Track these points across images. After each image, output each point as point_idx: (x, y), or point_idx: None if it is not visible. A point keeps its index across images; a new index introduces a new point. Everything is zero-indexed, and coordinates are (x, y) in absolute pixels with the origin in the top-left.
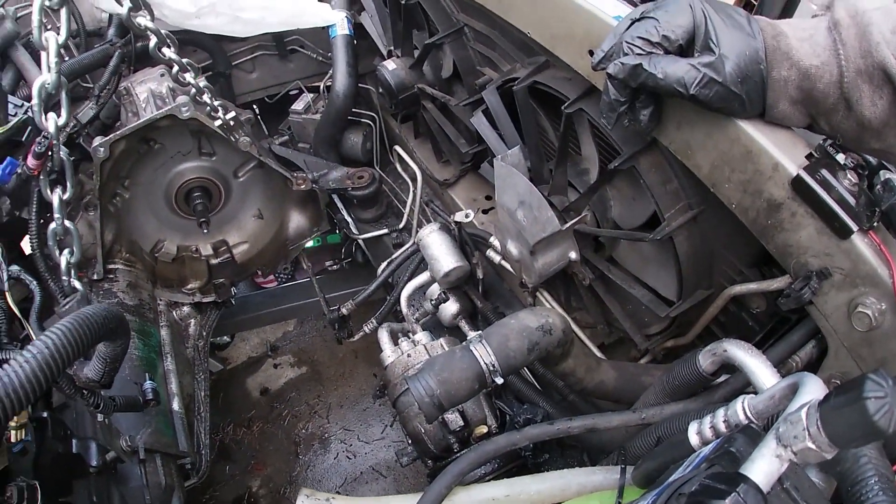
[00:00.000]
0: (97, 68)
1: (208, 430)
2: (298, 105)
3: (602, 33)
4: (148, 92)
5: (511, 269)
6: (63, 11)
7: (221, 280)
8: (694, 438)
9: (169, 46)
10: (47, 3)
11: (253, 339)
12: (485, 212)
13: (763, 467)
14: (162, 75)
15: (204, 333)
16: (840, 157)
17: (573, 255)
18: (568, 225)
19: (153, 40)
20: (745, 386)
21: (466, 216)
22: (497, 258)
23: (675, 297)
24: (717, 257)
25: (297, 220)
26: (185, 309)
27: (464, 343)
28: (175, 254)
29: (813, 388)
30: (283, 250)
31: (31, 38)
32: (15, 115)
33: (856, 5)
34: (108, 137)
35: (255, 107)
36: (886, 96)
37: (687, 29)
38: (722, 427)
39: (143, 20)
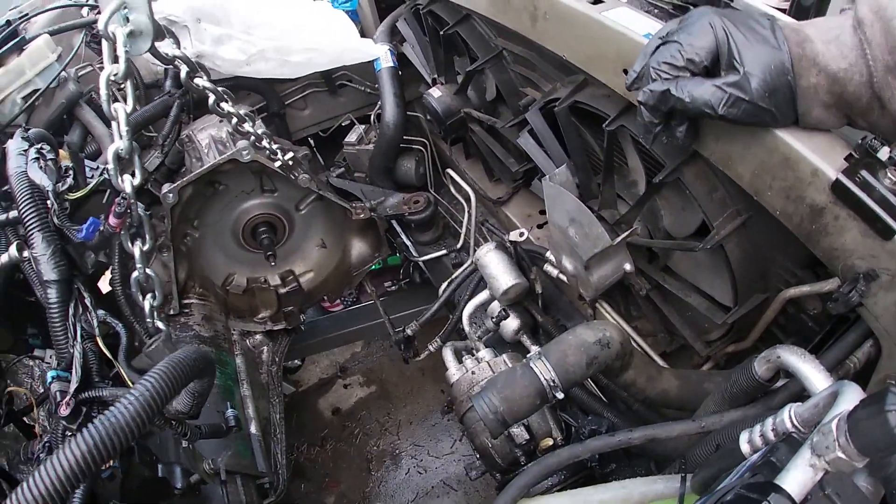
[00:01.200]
0: (159, 119)
1: (284, 451)
2: (351, 137)
3: (633, 52)
4: (209, 138)
5: (568, 282)
6: (129, 83)
7: (290, 308)
8: (745, 447)
9: (226, 101)
10: (112, 77)
11: (323, 362)
12: (539, 226)
13: (797, 477)
14: (221, 121)
15: (276, 359)
16: (883, 153)
17: (628, 266)
18: (619, 239)
19: (212, 98)
20: (802, 391)
21: (521, 235)
22: (555, 272)
23: (731, 302)
24: (770, 261)
25: (358, 247)
26: (258, 337)
27: (524, 360)
28: (245, 286)
29: (850, 397)
30: (348, 276)
31: (93, 95)
32: (91, 178)
33: (878, 0)
34: (176, 184)
35: (310, 141)
36: None
37: (710, 50)
38: (771, 435)
39: (200, 81)
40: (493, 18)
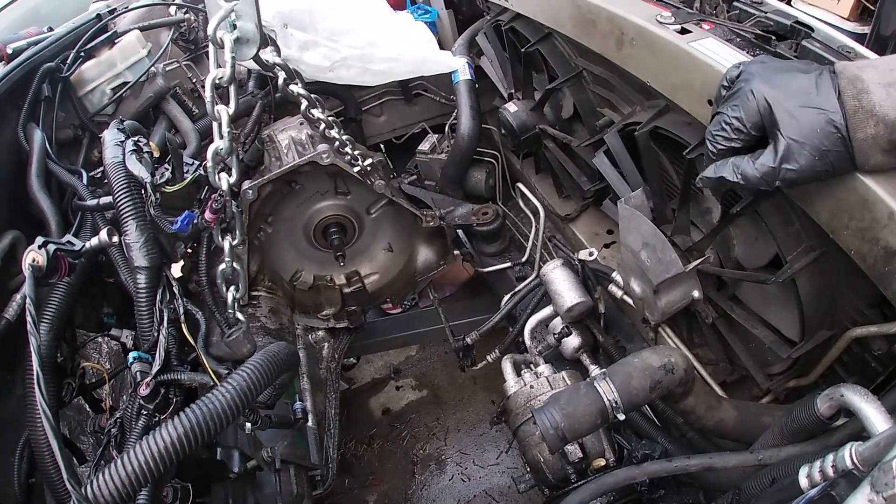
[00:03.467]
0: (241, 118)
1: (336, 446)
2: (425, 146)
3: (717, 82)
4: (289, 139)
5: (633, 305)
6: (232, 88)
7: (353, 307)
8: (804, 481)
9: (316, 107)
10: (217, 81)
11: (377, 362)
12: (606, 246)
13: None
14: (301, 123)
15: (336, 356)
16: None
17: (696, 293)
18: (691, 266)
19: (304, 103)
20: (862, 430)
21: (590, 254)
22: (619, 293)
23: (797, 337)
24: (839, 298)
25: (424, 253)
26: (320, 333)
27: (588, 379)
28: (312, 283)
29: None
30: (412, 281)
31: (177, 90)
32: (187, 173)
33: None
34: (256, 181)
35: (381, 147)
36: None
37: (754, 121)
38: (830, 471)
39: (296, 88)
40: (577, 40)
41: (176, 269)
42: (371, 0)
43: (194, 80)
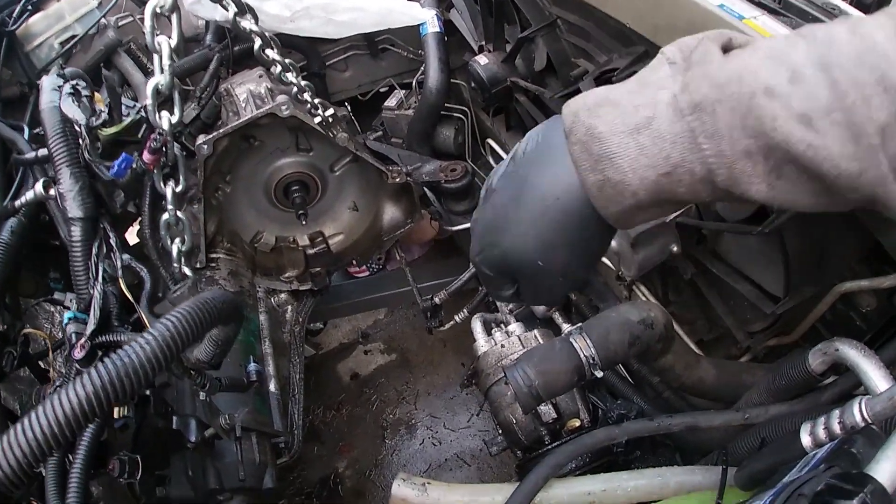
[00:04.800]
0: (197, 72)
1: (301, 412)
2: (391, 101)
3: (706, 22)
4: (247, 92)
5: (607, 262)
6: (174, 17)
7: (318, 269)
8: (806, 439)
9: (272, 48)
10: (158, 9)
11: (345, 326)
12: None
13: (888, 468)
14: (260, 76)
15: (300, 319)
16: None
17: (675, 247)
18: (671, 217)
19: (258, 42)
20: (855, 387)
21: None
22: None
23: (782, 293)
24: (828, 252)
25: (391, 212)
26: (283, 296)
27: (563, 335)
28: (273, 244)
29: None
30: (378, 241)
31: (131, 45)
32: (128, 115)
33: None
34: (211, 135)
35: (346, 105)
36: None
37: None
38: (836, 428)
39: (247, 24)
40: None
41: (131, 235)
42: None
43: None
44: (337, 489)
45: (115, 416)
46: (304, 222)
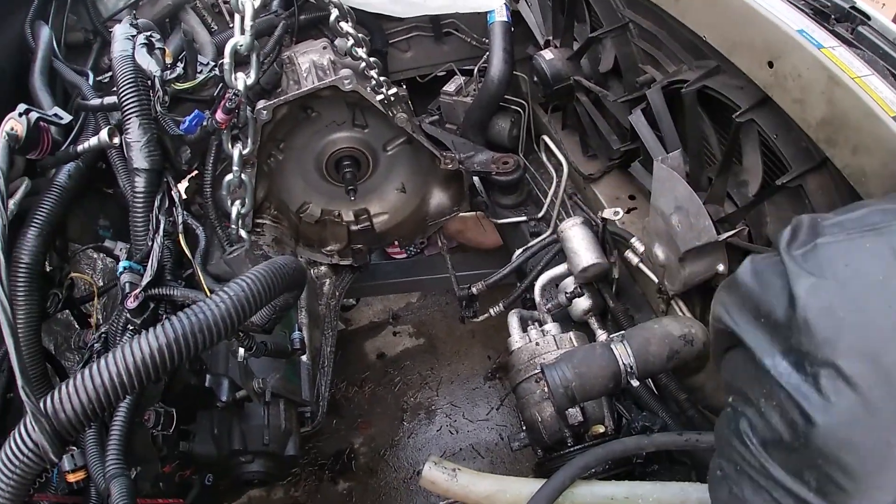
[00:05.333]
0: (262, 37)
1: (329, 384)
2: (450, 87)
3: (783, 45)
4: (310, 62)
5: (649, 273)
6: None
7: (359, 246)
8: None
9: (347, 21)
10: None
11: (377, 305)
12: (627, 211)
13: None
14: (324, 48)
15: (337, 293)
16: None
17: (721, 267)
18: (724, 236)
19: (334, 13)
20: None
21: (615, 213)
22: (635, 260)
23: None
24: None
25: (438, 197)
26: (323, 269)
27: (604, 340)
28: (318, 216)
29: None
30: (422, 225)
31: (196, 3)
32: (201, 72)
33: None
34: (272, 101)
35: (403, 85)
36: None
37: None
38: None
39: None
40: None
41: (181, 189)
42: None
43: None
44: (350, 464)
45: None
46: (352, 198)
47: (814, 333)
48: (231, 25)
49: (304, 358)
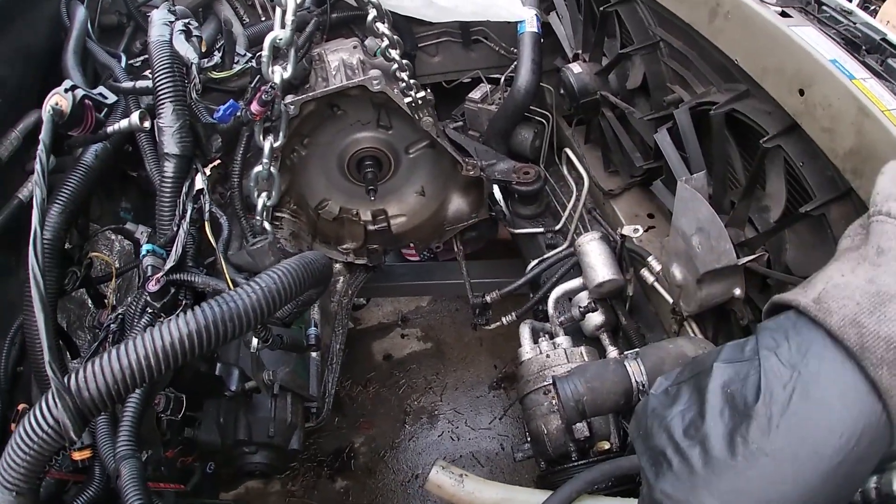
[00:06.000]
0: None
1: (335, 382)
2: (476, 94)
3: (814, 75)
4: (339, 60)
5: (663, 293)
6: None
7: (375, 246)
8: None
9: (384, 22)
10: None
11: (387, 307)
12: (645, 230)
13: None
14: (354, 47)
15: (349, 292)
16: None
17: (738, 291)
18: (743, 261)
19: (372, 13)
20: None
21: (635, 231)
22: (650, 279)
23: None
24: None
25: (457, 203)
26: (337, 266)
27: (618, 357)
28: (337, 213)
29: None
30: (440, 230)
31: None
32: (237, 63)
33: None
34: (300, 97)
35: (428, 89)
36: None
37: None
38: (872, 494)
39: None
40: (666, 5)
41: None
42: None
43: None
44: (349, 463)
45: None
46: (372, 198)
47: (653, 436)
48: (263, 18)
49: (313, 353)
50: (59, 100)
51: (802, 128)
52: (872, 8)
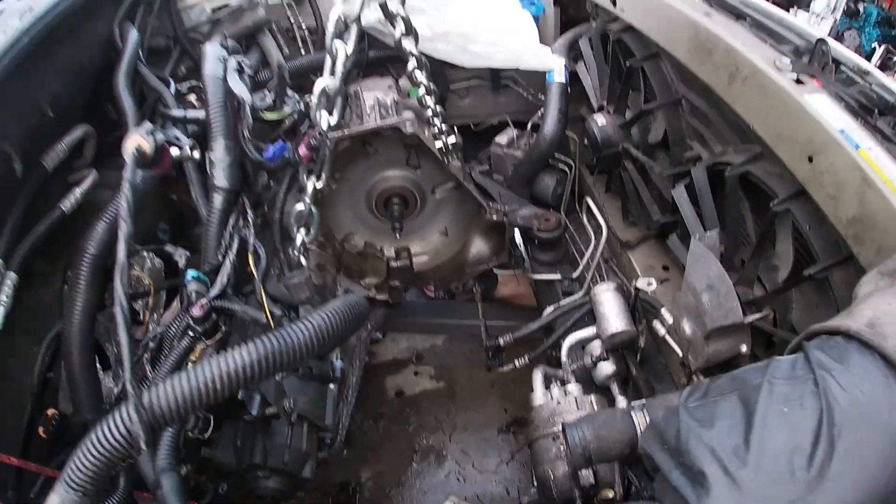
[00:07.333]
0: None
1: (350, 414)
2: (502, 138)
3: (824, 142)
4: (374, 99)
5: (674, 346)
6: (354, 27)
7: (396, 282)
8: None
9: (423, 70)
10: (343, 17)
11: (402, 343)
12: (660, 282)
13: None
14: (389, 87)
15: (369, 326)
16: None
17: (744, 348)
18: (749, 319)
19: (412, 63)
20: None
21: (649, 284)
22: (662, 331)
23: None
24: None
25: (479, 245)
26: None
27: (625, 407)
28: (361, 248)
29: None
30: (460, 271)
31: (274, 26)
32: (286, 105)
33: None
34: (337, 134)
35: (456, 132)
36: None
37: None
38: None
39: (408, 44)
40: (688, 66)
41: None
42: None
43: (292, 22)
44: (354, 496)
45: None
46: (398, 235)
47: (691, 453)
48: (303, 51)
49: (331, 385)
50: (142, 142)
51: (810, 193)
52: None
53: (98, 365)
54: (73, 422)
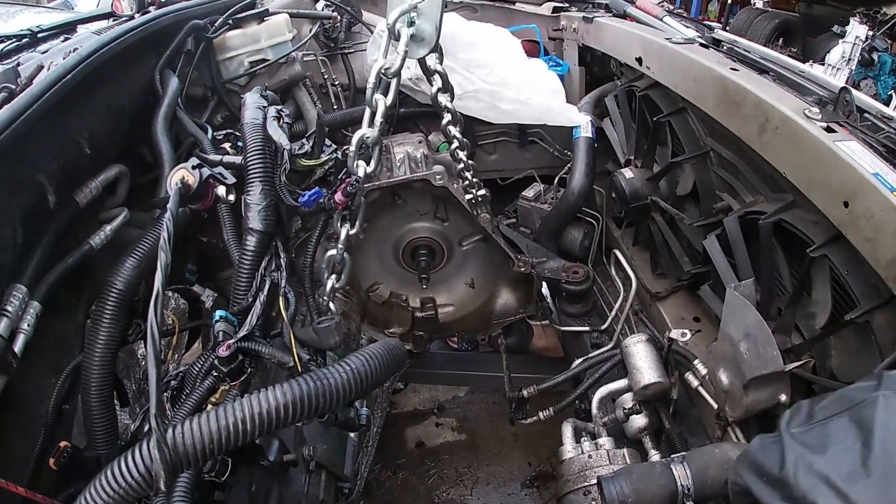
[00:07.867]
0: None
1: (369, 464)
2: (529, 192)
3: (858, 187)
4: (405, 153)
5: (708, 398)
6: (394, 82)
7: (421, 333)
8: None
9: (456, 126)
10: (383, 71)
11: (424, 394)
12: (693, 333)
13: None
14: (419, 142)
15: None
16: None
17: (783, 397)
18: (790, 367)
19: (447, 118)
20: None
21: (683, 335)
22: (695, 383)
23: None
24: None
25: (506, 297)
26: None
27: (664, 460)
28: (386, 297)
29: None
30: (486, 322)
31: (307, 80)
32: (324, 153)
33: None
34: (368, 185)
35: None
36: None
37: None
38: None
39: (444, 100)
40: (717, 119)
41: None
42: (508, 43)
43: (325, 78)
44: None
45: None
46: (424, 286)
47: (800, 484)
48: (335, 106)
49: (351, 434)
50: (186, 175)
51: (847, 238)
52: None
53: (115, 401)
54: (87, 456)
